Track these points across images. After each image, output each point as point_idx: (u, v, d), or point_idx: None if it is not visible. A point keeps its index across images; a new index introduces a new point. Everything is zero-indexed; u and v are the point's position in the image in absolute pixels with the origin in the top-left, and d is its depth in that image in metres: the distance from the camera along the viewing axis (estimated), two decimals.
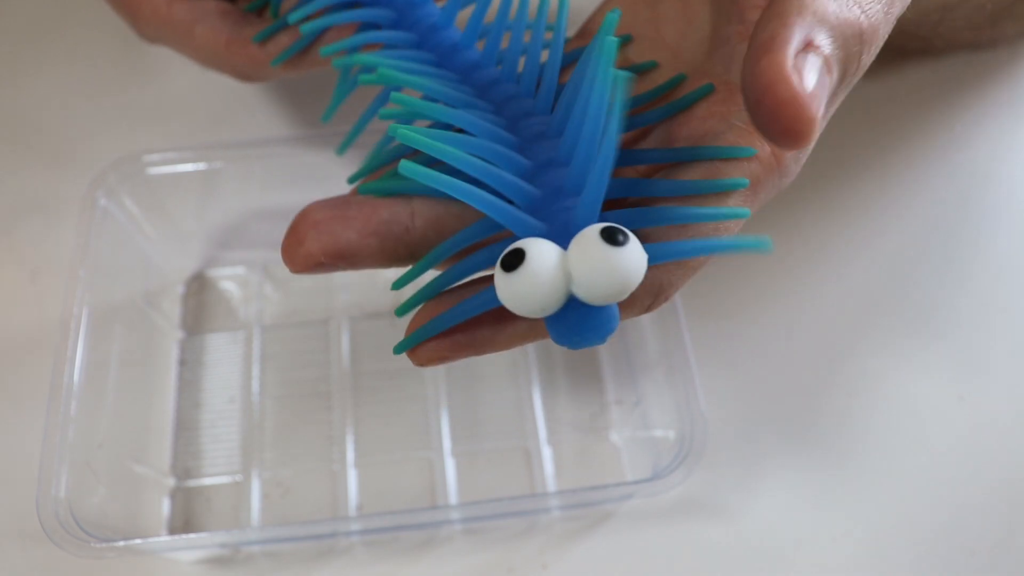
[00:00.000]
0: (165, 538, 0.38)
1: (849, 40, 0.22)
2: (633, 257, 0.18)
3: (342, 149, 0.33)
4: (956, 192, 0.47)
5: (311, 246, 0.24)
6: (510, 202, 0.22)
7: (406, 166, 0.21)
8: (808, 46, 0.21)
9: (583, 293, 0.19)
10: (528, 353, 0.43)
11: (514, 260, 0.19)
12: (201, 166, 0.41)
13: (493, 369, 0.43)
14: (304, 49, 0.36)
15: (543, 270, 0.18)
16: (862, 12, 0.22)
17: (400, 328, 0.41)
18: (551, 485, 0.40)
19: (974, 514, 0.39)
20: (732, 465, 0.40)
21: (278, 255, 0.45)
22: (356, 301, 0.45)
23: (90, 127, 0.50)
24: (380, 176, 0.25)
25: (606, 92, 0.19)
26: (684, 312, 0.37)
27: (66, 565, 0.38)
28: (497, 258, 0.20)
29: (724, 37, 0.26)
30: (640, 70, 0.27)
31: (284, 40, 0.37)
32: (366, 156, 0.27)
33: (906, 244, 0.45)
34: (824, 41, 0.21)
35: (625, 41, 0.28)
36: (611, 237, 0.18)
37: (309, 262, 0.24)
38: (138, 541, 0.33)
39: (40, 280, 0.45)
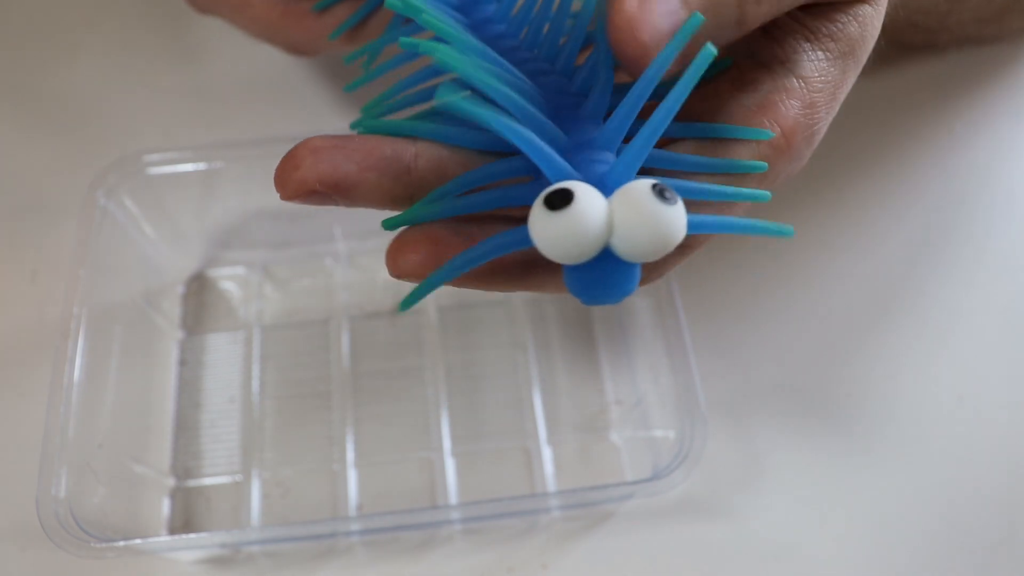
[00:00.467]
0: (165, 538, 0.38)
1: None
2: (680, 217, 0.18)
3: (353, 86, 0.32)
4: (956, 190, 0.47)
5: (307, 172, 0.23)
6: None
7: (445, 90, 0.20)
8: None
9: (622, 246, 0.18)
10: (528, 353, 0.43)
11: (561, 200, 0.18)
12: (201, 166, 0.41)
13: (493, 369, 0.43)
14: (361, 21, 0.35)
15: (591, 213, 0.18)
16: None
17: (400, 329, 0.41)
18: (551, 485, 0.40)
19: (976, 513, 0.38)
20: (733, 465, 0.40)
21: (279, 255, 0.46)
22: (356, 301, 0.45)
23: (90, 127, 0.50)
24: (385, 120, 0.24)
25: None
26: (684, 311, 0.37)
27: (66, 565, 0.38)
28: (515, 199, 0.19)
29: None
30: None
31: (342, 12, 0.35)
32: (369, 101, 0.26)
33: (906, 243, 0.45)
34: None
35: None
36: (661, 193, 0.17)
37: (302, 189, 0.23)
38: (138, 541, 0.33)
39: (40, 280, 0.45)
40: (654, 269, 0.24)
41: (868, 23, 0.24)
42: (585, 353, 0.43)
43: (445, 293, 0.45)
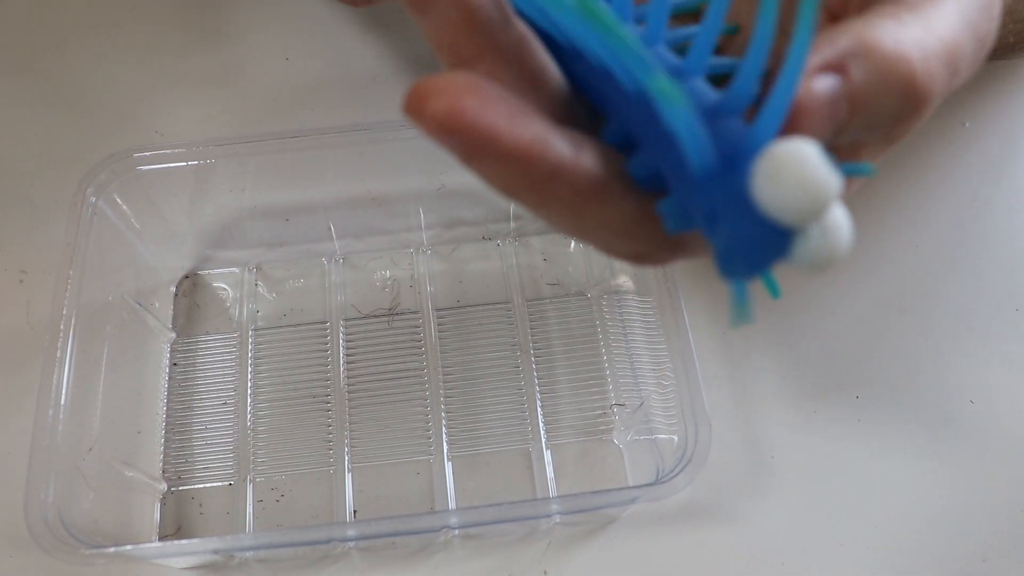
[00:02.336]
0: (156, 544, 0.37)
1: (890, 88, 0.19)
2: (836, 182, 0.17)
3: None
4: (968, 186, 0.46)
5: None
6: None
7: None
8: (837, 68, 0.19)
9: (783, 210, 0.17)
10: (528, 354, 0.42)
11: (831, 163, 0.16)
12: (193, 163, 0.40)
13: (492, 370, 0.42)
14: None
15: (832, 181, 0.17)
16: (924, 67, 0.19)
17: (397, 330, 0.41)
18: (552, 489, 0.39)
19: (986, 517, 0.38)
20: (738, 469, 0.39)
21: (273, 254, 0.45)
22: (352, 302, 0.44)
23: (80, 124, 0.49)
24: None
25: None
26: (688, 312, 0.37)
27: (55, 572, 0.37)
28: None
29: None
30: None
31: None
32: None
33: (917, 242, 0.45)
34: (858, 72, 0.19)
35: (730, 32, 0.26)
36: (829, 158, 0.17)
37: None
38: (129, 547, 0.33)
39: (28, 280, 0.44)
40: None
41: (928, 115, 0.24)
42: (586, 354, 0.42)
43: (442, 293, 0.44)
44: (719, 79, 0.21)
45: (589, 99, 0.22)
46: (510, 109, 0.18)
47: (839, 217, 0.17)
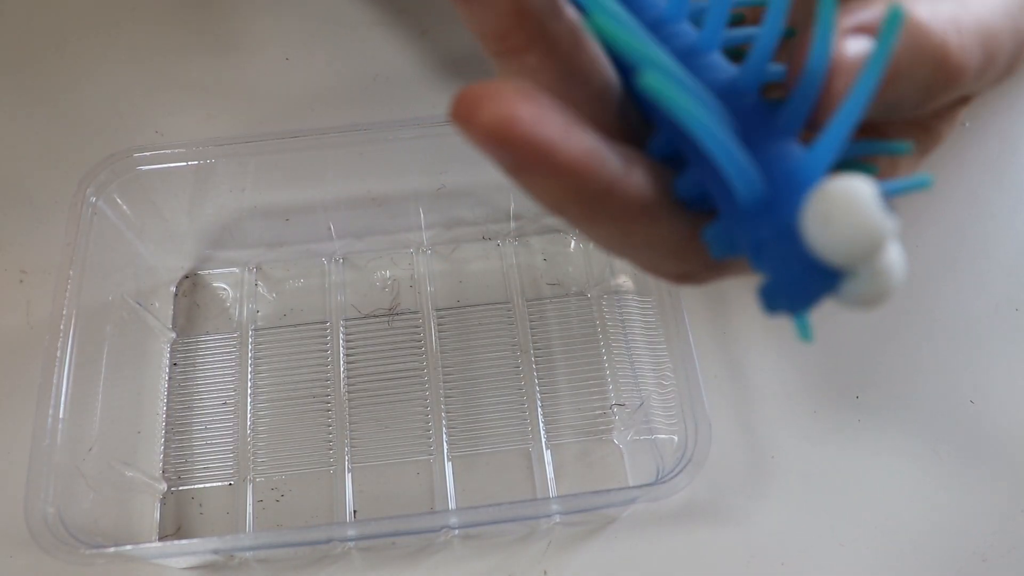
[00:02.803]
0: (156, 544, 0.37)
1: (923, 59, 0.18)
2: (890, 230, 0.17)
3: None
4: (968, 185, 0.46)
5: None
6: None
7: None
8: (868, 30, 0.18)
9: (833, 251, 0.16)
10: (528, 354, 0.42)
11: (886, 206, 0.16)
12: (193, 163, 0.40)
13: (492, 370, 0.42)
14: None
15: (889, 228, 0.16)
16: (957, 40, 0.19)
17: (397, 330, 0.41)
18: (552, 489, 0.39)
19: (986, 518, 0.38)
20: (738, 469, 0.39)
21: (272, 254, 0.45)
22: (352, 302, 0.44)
23: (80, 124, 0.49)
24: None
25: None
26: (688, 312, 0.37)
27: (55, 572, 0.37)
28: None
29: None
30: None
31: None
32: None
33: (917, 241, 0.45)
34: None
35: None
36: (886, 206, 0.16)
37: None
38: (129, 547, 0.33)
39: (29, 280, 0.44)
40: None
41: (956, 122, 0.23)
42: (586, 354, 0.42)
43: (442, 293, 0.44)
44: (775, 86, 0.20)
45: (640, 103, 0.21)
46: (565, 120, 0.17)
47: (893, 257, 0.17)
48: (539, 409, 0.41)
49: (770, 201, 0.17)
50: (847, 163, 0.19)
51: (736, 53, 0.21)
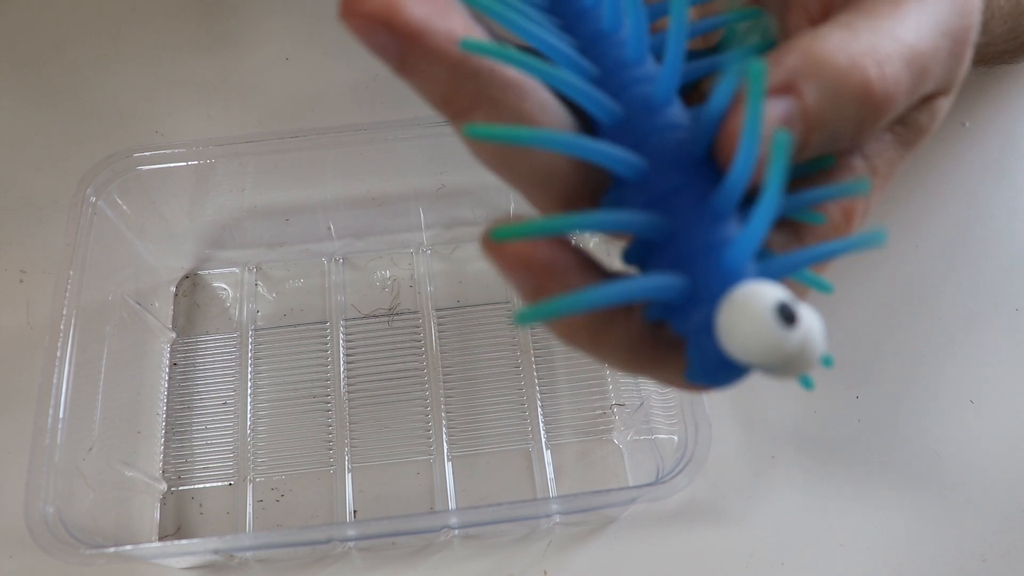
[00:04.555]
0: (156, 544, 0.37)
1: (846, 100, 0.19)
2: (800, 337, 0.17)
3: None
4: (968, 185, 0.46)
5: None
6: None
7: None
8: (788, 89, 0.19)
9: (740, 354, 0.17)
10: (528, 354, 0.42)
11: (790, 318, 0.17)
12: (193, 163, 0.40)
13: (492, 370, 0.42)
14: None
15: (818, 335, 0.17)
16: (878, 72, 0.19)
17: (397, 330, 0.41)
18: (552, 489, 0.39)
19: (985, 519, 0.38)
20: (738, 469, 0.39)
21: (272, 254, 0.45)
22: (352, 302, 0.44)
23: (80, 124, 0.49)
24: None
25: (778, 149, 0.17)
26: None
27: (55, 572, 0.37)
28: (653, 290, 0.18)
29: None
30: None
31: None
32: None
33: (916, 242, 0.45)
34: (810, 92, 0.19)
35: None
36: (789, 318, 0.16)
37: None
38: (128, 547, 0.32)
39: (29, 280, 0.44)
40: None
41: (938, 114, 0.23)
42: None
43: (442, 293, 0.44)
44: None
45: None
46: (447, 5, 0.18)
47: (803, 349, 0.17)
48: (539, 409, 0.41)
49: (694, 294, 0.18)
50: (800, 212, 0.20)
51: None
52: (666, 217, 0.19)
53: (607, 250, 0.45)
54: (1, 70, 0.51)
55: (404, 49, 0.18)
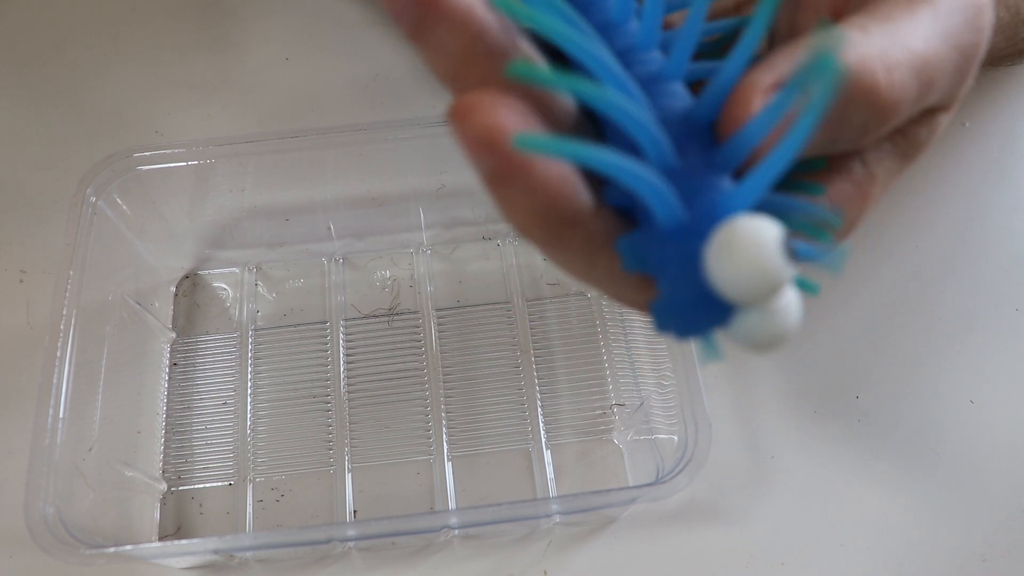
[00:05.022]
0: (156, 544, 0.37)
1: (852, 101, 0.19)
2: (790, 276, 0.16)
3: None
4: (968, 185, 0.46)
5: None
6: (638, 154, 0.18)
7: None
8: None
9: (731, 289, 0.17)
10: (528, 354, 0.42)
11: (791, 253, 0.16)
12: (193, 163, 0.40)
13: (492, 370, 0.42)
14: None
15: (798, 304, 0.17)
16: (887, 77, 0.19)
17: (397, 330, 0.41)
18: (552, 489, 0.39)
19: (986, 518, 0.38)
20: (738, 469, 0.39)
21: (272, 254, 0.45)
22: (352, 302, 0.44)
23: (80, 123, 0.49)
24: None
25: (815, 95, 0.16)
26: None
27: (55, 572, 0.37)
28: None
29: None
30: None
31: None
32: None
33: (916, 242, 0.45)
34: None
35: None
36: (790, 251, 0.16)
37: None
38: (128, 547, 0.32)
39: (29, 280, 0.44)
40: None
41: (937, 130, 0.23)
42: (586, 354, 0.42)
43: (442, 293, 0.44)
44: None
45: (603, 129, 0.21)
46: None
47: (786, 303, 0.17)
48: (539, 409, 0.41)
49: (685, 226, 0.17)
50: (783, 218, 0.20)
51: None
52: (671, 158, 0.18)
53: None
54: (1, 70, 0.51)
55: (422, 12, 0.17)
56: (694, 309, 0.17)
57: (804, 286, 0.19)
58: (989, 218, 0.45)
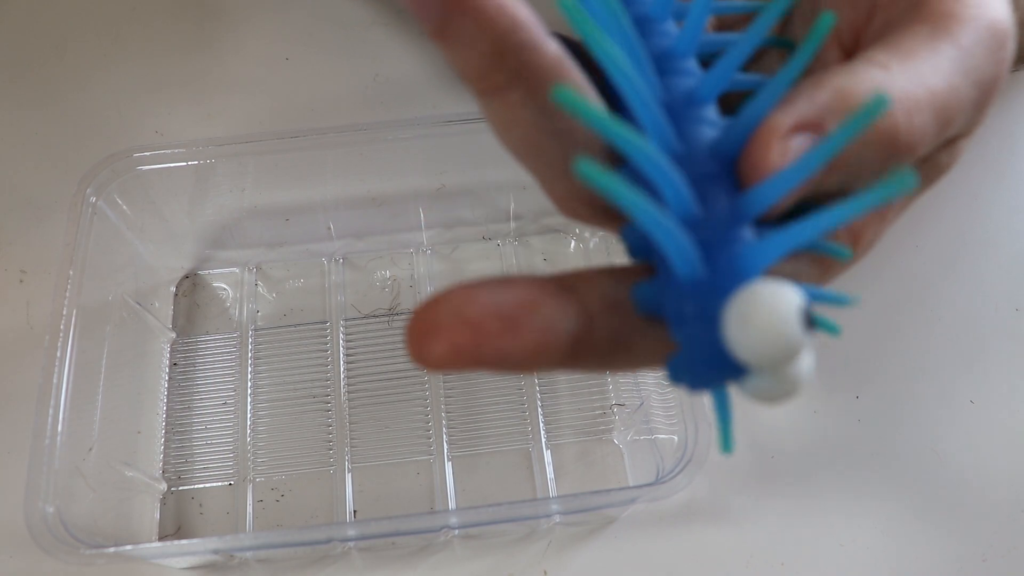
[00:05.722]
0: (156, 544, 0.37)
1: (871, 145, 0.18)
2: (807, 349, 0.17)
3: None
4: (967, 189, 0.46)
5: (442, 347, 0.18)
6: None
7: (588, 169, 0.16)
8: (815, 127, 0.18)
9: (749, 355, 0.16)
10: None
11: (810, 322, 0.16)
12: (193, 163, 0.40)
13: None
14: None
15: (811, 365, 0.17)
16: (906, 120, 0.18)
17: (396, 330, 0.41)
18: (552, 489, 0.39)
19: (987, 517, 0.38)
20: (737, 469, 0.39)
21: (272, 254, 0.45)
22: (352, 302, 0.44)
23: (80, 124, 0.49)
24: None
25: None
26: None
27: (55, 572, 0.37)
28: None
29: None
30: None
31: None
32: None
33: (917, 242, 0.45)
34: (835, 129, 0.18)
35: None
36: (809, 322, 0.16)
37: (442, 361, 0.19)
38: (128, 547, 0.32)
39: (28, 280, 0.44)
40: None
41: (958, 154, 0.23)
42: None
43: None
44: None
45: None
46: (505, 317, 0.17)
47: (800, 367, 0.17)
48: (539, 409, 0.41)
49: (704, 281, 0.17)
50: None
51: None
52: (693, 207, 0.18)
53: (607, 249, 0.45)
54: (1, 70, 0.51)
55: (449, 8, 0.17)
56: (708, 366, 0.17)
57: (826, 327, 0.19)
58: (989, 219, 0.45)
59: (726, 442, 0.19)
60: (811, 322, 0.16)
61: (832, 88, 0.18)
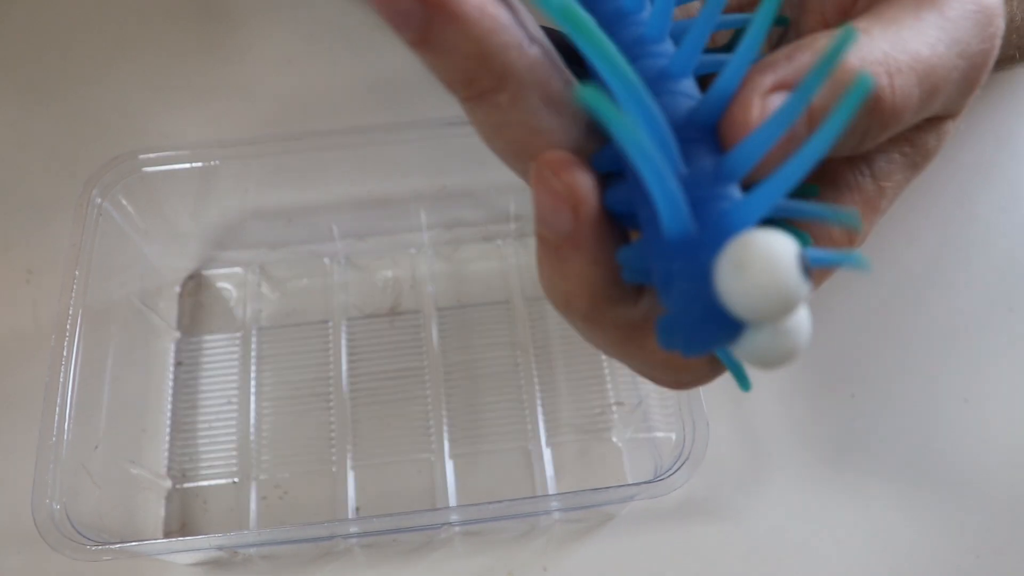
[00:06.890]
0: (161, 541, 0.37)
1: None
2: (805, 298, 0.16)
3: None
4: (960, 187, 0.47)
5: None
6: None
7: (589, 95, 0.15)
8: (790, 86, 0.18)
9: (744, 307, 0.16)
10: (528, 353, 0.43)
11: (807, 269, 0.15)
12: (198, 165, 0.40)
13: (493, 369, 0.42)
14: None
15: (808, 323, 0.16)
16: (889, 84, 0.18)
17: (399, 329, 0.41)
18: (552, 487, 0.40)
19: (981, 515, 0.38)
20: (735, 466, 0.39)
21: (275, 255, 0.46)
22: (354, 302, 0.45)
23: (86, 125, 0.50)
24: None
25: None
26: None
27: (61, 568, 0.37)
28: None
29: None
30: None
31: None
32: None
33: (911, 243, 0.45)
34: (818, 93, 0.17)
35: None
36: (805, 268, 0.15)
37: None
38: (134, 544, 0.33)
39: (35, 280, 0.45)
40: None
41: (945, 137, 0.23)
42: (586, 353, 0.43)
43: (443, 293, 0.45)
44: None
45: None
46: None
47: (798, 322, 0.16)
48: (539, 408, 0.41)
49: (693, 238, 0.17)
50: (784, 223, 0.19)
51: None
52: (679, 165, 0.17)
53: None
54: (6, 72, 0.52)
55: (429, 16, 0.16)
56: (702, 325, 0.17)
57: (856, 262, 0.17)
58: (982, 218, 0.46)
59: (743, 382, 0.18)
60: (807, 269, 0.15)
61: (812, 50, 0.19)
